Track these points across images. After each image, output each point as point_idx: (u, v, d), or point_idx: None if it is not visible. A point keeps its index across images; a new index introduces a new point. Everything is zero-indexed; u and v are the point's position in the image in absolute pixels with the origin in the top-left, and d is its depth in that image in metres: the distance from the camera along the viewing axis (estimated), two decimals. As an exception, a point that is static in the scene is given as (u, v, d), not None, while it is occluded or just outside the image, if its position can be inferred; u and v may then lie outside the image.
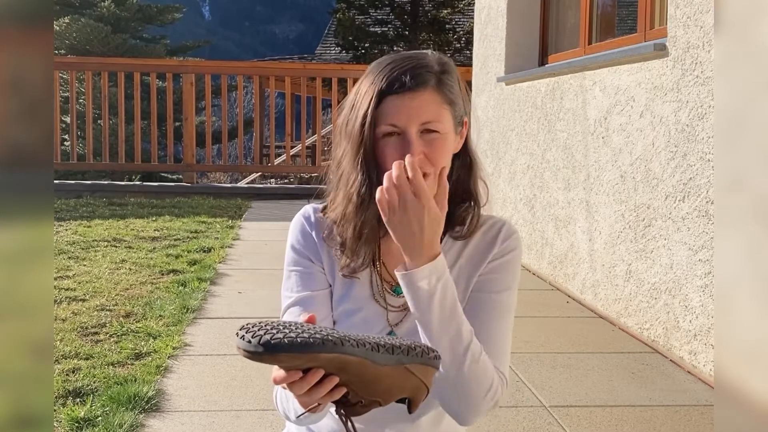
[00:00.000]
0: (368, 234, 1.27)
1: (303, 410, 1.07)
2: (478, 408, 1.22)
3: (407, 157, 1.16)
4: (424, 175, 1.20)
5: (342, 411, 1.04)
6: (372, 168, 1.22)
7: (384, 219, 1.17)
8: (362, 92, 1.23)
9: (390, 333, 1.29)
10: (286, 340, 0.92)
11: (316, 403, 1.03)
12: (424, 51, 1.28)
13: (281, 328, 0.94)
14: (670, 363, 3.32)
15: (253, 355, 0.93)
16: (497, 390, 1.23)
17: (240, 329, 0.95)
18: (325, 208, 1.33)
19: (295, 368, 0.96)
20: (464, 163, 1.31)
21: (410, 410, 1.08)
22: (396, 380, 1.02)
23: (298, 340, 0.92)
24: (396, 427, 1.31)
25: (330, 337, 0.94)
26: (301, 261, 1.32)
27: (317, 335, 0.93)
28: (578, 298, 4.34)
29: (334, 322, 1.32)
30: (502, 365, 1.27)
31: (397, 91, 1.19)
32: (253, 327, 0.95)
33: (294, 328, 0.94)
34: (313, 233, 1.32)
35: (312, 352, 0.93)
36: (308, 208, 1.36)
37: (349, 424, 1.06)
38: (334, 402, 1.03)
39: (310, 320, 1.03)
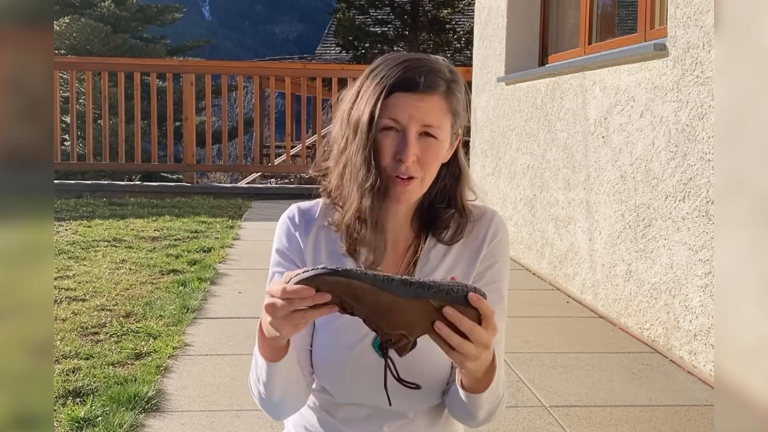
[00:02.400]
0: (383, 225, 1.28)
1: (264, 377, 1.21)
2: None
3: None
4: (411, 178, 1.21)
5: (384, 348, 1.07)
6: (377, 160, 1.22)
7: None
8: (371, 85, 1.21)
9: None
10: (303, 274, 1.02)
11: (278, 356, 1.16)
12: (436, 56, 1.28)
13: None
14: (670, 363, 3.32)
15: None
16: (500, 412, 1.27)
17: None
18: (330, 194, 1.32)
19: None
20: (453, 173, 1.32)
21: None
22: (417, 314, 1.02)
23: (311, 271, 1.01)
24: (394, 424, 1.32)
25: (338, 268, 1.01)
26: (284, 263, 1.33)
27: (325, 268, 1.01)
28: (578, 298, 4.34)
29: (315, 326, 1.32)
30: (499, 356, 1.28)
31: (409, 89, 1.19)
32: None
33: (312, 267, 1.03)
34: (297, 234, 1.33)
35: (320, 275, 1.00)
36: (293, 208, 1.35)
37: (389, 362, 1.10)
38: (380, 345, 1.06)
39: None
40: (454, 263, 1.32)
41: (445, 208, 1.31)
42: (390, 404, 1.15)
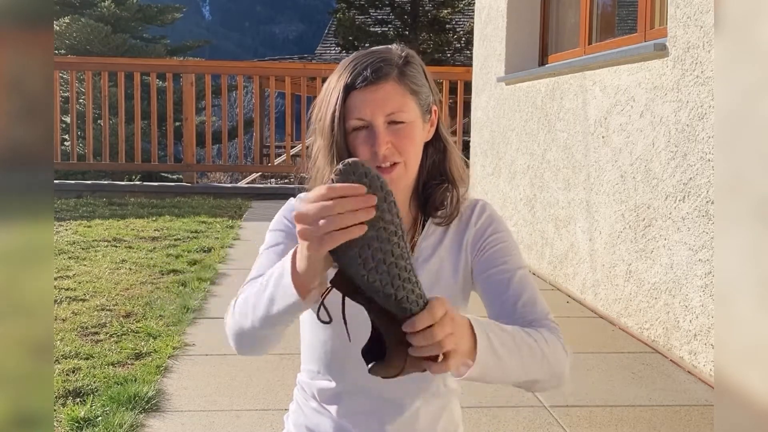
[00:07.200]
0: None
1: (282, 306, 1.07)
2: (567, 371, 1.24)
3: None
4: (394, 164, 1.24)
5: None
6: None
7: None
8: (330, 89, 1.27)
9: None
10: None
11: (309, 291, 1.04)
12: (389, 46, 1.32)
13: None
14: (670, 363, 3.32)
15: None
16: (564, 345, 1.24)
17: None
18: None
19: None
20: (438, 148, 1.35)
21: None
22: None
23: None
24: (395, 423, 1.32)
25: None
26: (286, 240, 1.31)
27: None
28: (578, 298, 4.34)
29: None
30: (546, 314, 1.27)
31: (361, 85, 1.23)
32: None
33: None
34: None
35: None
36: (302, 197, 1.37)
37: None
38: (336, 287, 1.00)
39: None
40: (447, 248, 1.35)
41: (438, 184, 1.34)
42: (350, 340, 1.09)
